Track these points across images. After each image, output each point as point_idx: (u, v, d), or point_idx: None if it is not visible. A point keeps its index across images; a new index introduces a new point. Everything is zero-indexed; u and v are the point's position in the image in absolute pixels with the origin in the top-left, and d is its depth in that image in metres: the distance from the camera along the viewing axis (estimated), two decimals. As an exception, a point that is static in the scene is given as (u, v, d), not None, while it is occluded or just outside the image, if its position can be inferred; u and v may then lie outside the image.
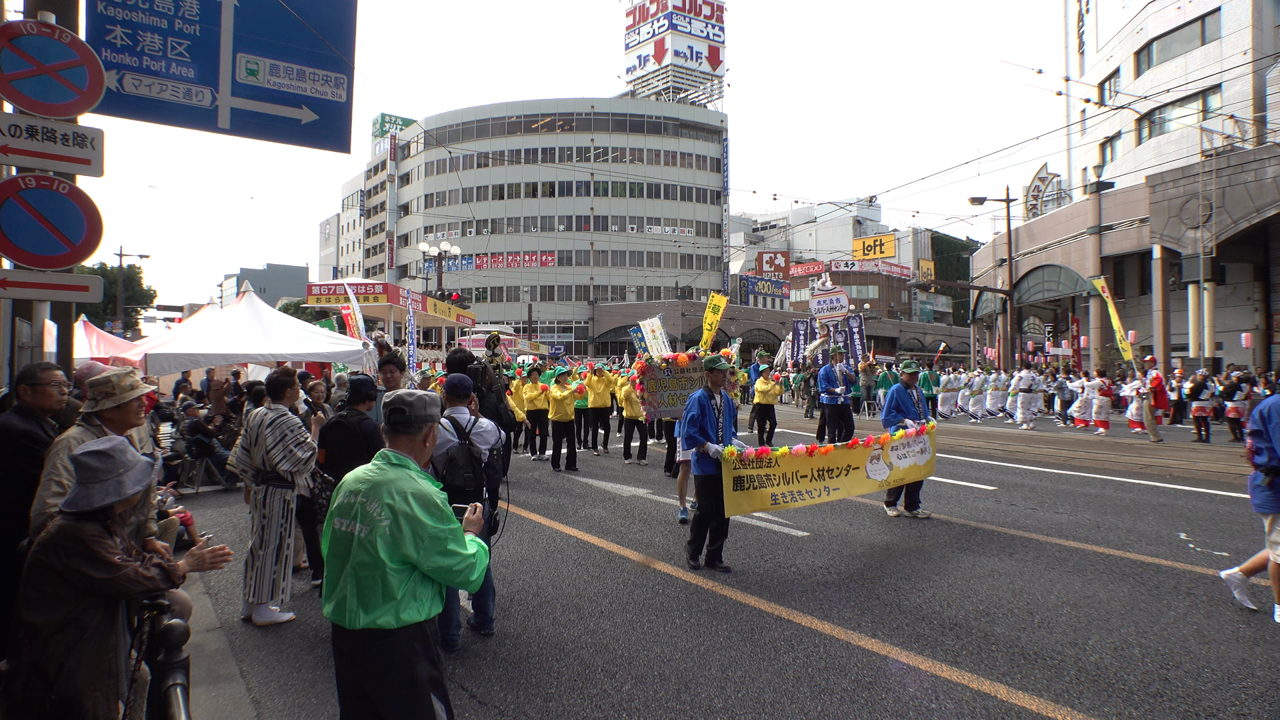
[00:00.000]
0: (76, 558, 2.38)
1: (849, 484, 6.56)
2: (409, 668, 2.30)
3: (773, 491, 5.97)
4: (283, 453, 4.93)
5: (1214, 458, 12.57)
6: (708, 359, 6.40)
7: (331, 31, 5.94)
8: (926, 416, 7.95)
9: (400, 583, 2.29)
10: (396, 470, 2.38)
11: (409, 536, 2.27)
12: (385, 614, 2.27)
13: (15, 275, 4.17)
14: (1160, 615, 4.85)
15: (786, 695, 3.77)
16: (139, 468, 2.60)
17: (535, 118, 63.73)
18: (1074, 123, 34.58)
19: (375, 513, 2.28)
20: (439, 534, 2.30)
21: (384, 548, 2.26)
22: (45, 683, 2.34)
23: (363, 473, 2.41)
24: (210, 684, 4.00)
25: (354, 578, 2.29)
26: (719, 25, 68.38)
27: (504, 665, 4.21)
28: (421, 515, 2.28)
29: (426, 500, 2.32)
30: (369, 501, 2.30)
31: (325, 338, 12.70)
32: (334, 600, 2.34)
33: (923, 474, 7.55)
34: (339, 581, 2.34)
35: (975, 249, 50.07)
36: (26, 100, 4.13)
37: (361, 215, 79.96)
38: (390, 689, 2.30)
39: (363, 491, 2.33)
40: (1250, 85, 25.92)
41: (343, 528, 2.35)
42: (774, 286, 73.12)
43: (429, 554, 2.29)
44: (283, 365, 11.15)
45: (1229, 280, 26.19)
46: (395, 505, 2.27)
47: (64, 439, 3.16)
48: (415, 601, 2.32)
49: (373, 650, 2.28)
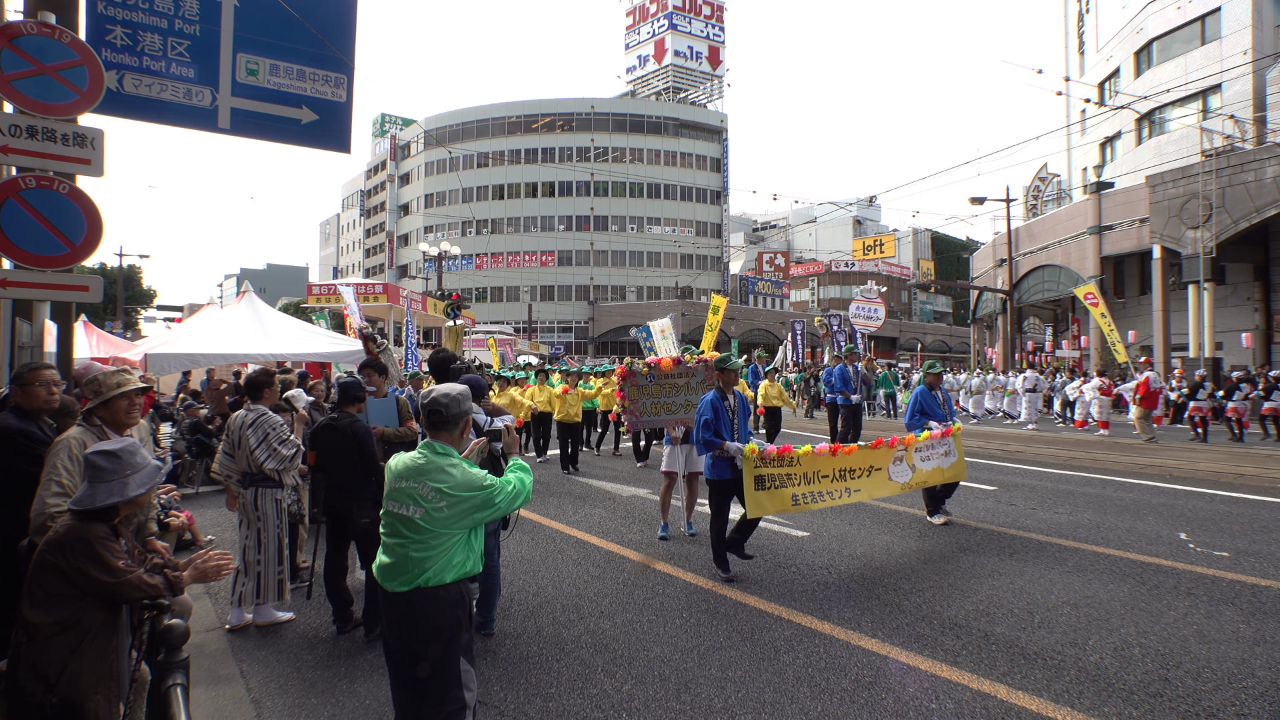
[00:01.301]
0: (83, 559, 2.38)
1: (871, 486, 6.33)
2: (448, 625, 2.68)
3: (793, 492, 5.75)
4: (267, 452, 4.88)
5: (1214, 458, 12.56)
6: (719, 359, 6.22)
7: (331, 31, 5.94)
8: (952, 418, 7.70)
9: (445, 549, 2.68)
10: (441, 458, 2.72)
11: (456, 512, 2.66)
12: (431, 576, 2.65)
13: (15, 275, 4.17)
14: (1160, 615, 4.85)
15: (786, 695, 3.77)
16: (146, 470, 2.61)
17: (535, 118, 63.74)
18: (1074, 123, 34.58)
19: (426, 495, 2.65)
20: (484, 498, 2.70)
21: (434, 523, 2.64)
22: (46, 685, 2.33)
23: (409, 460, 2.76)
24: (210, 684, 4.00)
25: (407, 549, 2.67)
26: (719, 25, 68.39)
27: (504, 665, 4.21)
28: (465, 493, 2.66)
29: (469, 482, 2.68)
30: (420, 486, 2.67)
31: (325, 338, 12.70)
32: (389, 569, 2.71)
33: (947, 477, 7.25)
34: (395, 553, 2.70)
35: (975, 249, 50.07)
36: (27, 100, 4.13)
37: (361, 215, 79.96)
38: (431, 642, 2.67)
39: (412, 478, 2.69)
40: (1250, 85, 25.92)
41: (395, 509, 2.71)
42: (774, 286, 73.13)
43: (482, 511, 2.71)
44: (283, 365, 11.16)
45: (1229, 280, 26.17)
46: (442, 488, 2.65)
47: (64, 439, 3.15)
48: (458, 565, 2.71)
49: (419, 609, 2.66)
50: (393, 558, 2.71)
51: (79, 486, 2.93)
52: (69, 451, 3.09)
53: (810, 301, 73.65)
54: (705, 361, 6.83)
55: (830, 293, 71.54)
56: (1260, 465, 11.58)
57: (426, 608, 2.66)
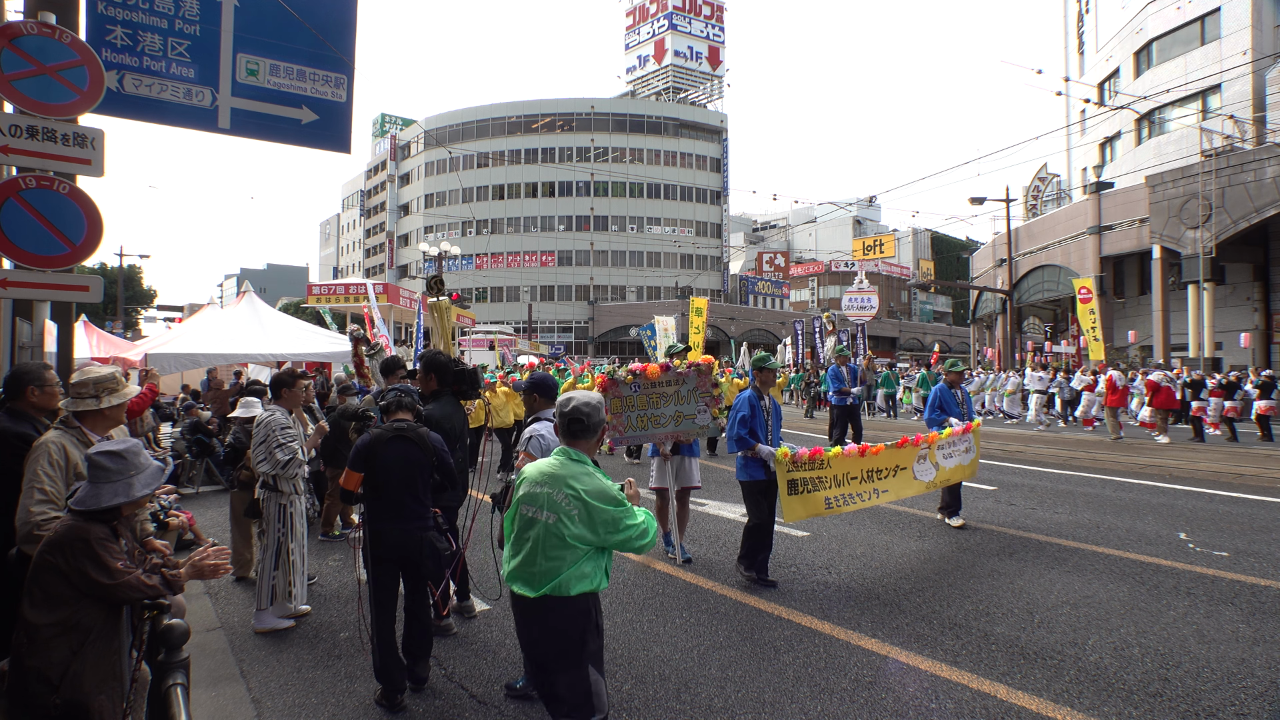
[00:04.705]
0: (82, 559, 2.37)
1: (897, 486, 6.27)
2: (574, 636, 2.73)
3: (826, 495, 5.64)
4: (263, 454, 4.85)
5: (1214, 458, 12.56)
6: (756, 357, 6.04)
7: (332, 31, 5.93)
8: (971, 415, 7.65)
9: (578, 558, 2.71)
10: (578, 466, 2.79)
11: (590, 521, 2.68)
12: (562, 584, 2.68)
13: (15, 275, 4.17)
14: (1160, 615, 4.85)
15: (786, 695, 3.77)
16: (150, 471, 2.60)
17: (535, 118, 63.74)
18: (1074, 123, 34.59)
19: (562, 501, 2.70)
20: (615, 516, 2.71)
21: (568, 530, 2.67)
22: (49, 686, 2.33)
23: (545, 466, 2.82)
24: (210, 684, 4.00)
25: (540, 554, 2.71)
26: (719, 25, 68.40)
27: (504, 665, 4.21)
28: (599, 504, 2.69)
29: (604, 493, 2.73)
30: (555, 491, 2.71)
31: (325, 337, 12.71)
32: (519, 572, 2.77)
33: (966, 474, 7.23)
34: (525, 558, 2.75)
35: (975, 249, 50.06)
36: (27, 100, 4.13)
37: (361, 215, 79.94)
38: (559, 650, 2.73)
39: (548, 483, 2.74)
40: (1250, 85, 25.92)
41: (529, 514, 2.76)
42: (774, 286, 73.14)
43: (609, 533, 2.71)
44: (283, 365, 11.16)
45: (1229, 280, 26.18)
46: (578, 495, 2.69)
47: (42, 443, 3.04)
48: (586, 577, 2.73)
49: (550, 614, 2.71)
50: (522, 561, 2.76)
51: (62, 492, 2.91)
52: (48, 457, 2.98)
53: (810, 301, 73.63)
54: (697, 367, 6.33)
55: (830, 293, 71.49)
56: (1260, 465, 11.58)
57: (551, 616, 2.71)
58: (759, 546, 5.64)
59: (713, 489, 9.23)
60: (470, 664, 4.20)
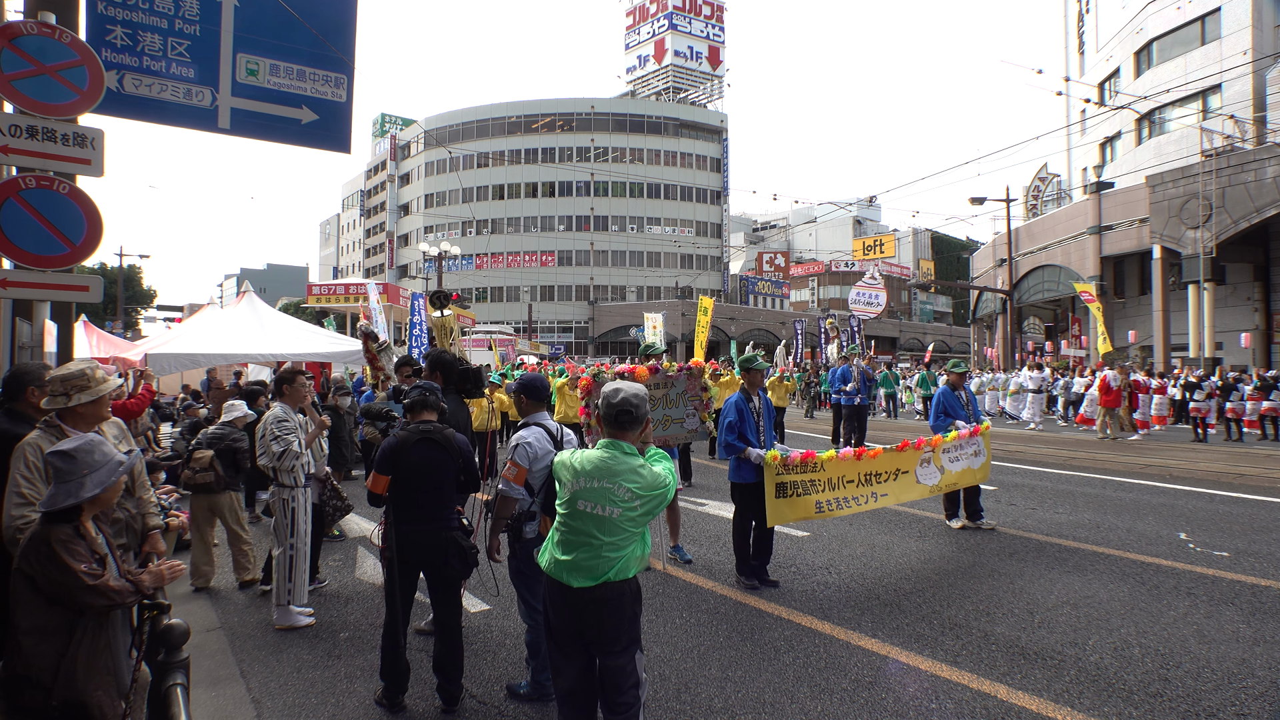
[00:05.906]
0: (44, 562, 2.35)
1: (897, 490, 6.16)
2: (630, 617, 2.86)
3: (817, 499, 5.57)
4: (261, 448, 4.92)
5: (1214, 458, 12.56)
6: (743, 358, 6.01)
7: (331, 31, 5.93)
8: (978, 417, 7.47)
9: (631, 545, 2.84)
10: (631, 459, 2.86)
11: (649, 511, 2.84)
12: (619, 571, 2.81)
13: (15, 275, 4.17)
14: (1160, 615, 4.85)
15: (786, 695, 3.77)
16: (106, 467, 2.51)
17: (535, 118, 63.74)
18: (1074, 123, 34.57)
19: (622, 496, 2.79)
20: (662, 497, 2.87)
21: (625, 520, 2.79)
22: (43, 690, 2.32)
23: (597, 459, 2.86)
24: (210, 684, 4.00)
25: (599, 548, 2.80)
26: (719, 25, 68.41)
27: (504, 665, 4.21)
28: (654, 493, 2.83)
29: (655, 481, 2.84)
30: (614, 487, 2.80)
31: (325, 338, 12.71)
32: (577, 565, 2.82)
33: (977, 478, 7.05)
34: (586, 552, 2.82)
35: (975, 249, 50.07)
36: (27, 100, 4.13)
37: (361, 215, 79.95)
38: (615, 635, 2.82)
39: (606, 478, 2.82)
40: (1250, 85, 25.91)
41: (588, 509, 2.82)
42: (774, 286, 73.14)
43: (660, 507, 2.90)
44: (283, 365, 11.16)
45: (1229, 280, 26.16)
46: (635, 488, 2.79)
47: (20, 446, 3.01)
48: (638, 558, 2.88)
49: (605, 604, 2.80)
50: (579, 555, 2.83)
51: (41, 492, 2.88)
52: (25, 459, 2.96)
53: (810, 301, 73.65)
54: (688, 369, 6.22)
55: (830, 293, 71.52)
56: (1260, 465, 11.58)
57: (612, 601, 2.81)
58: (746, 551, 5.61)
59: (713, 489, 9.23)
60: (470, 664, 4.19)
